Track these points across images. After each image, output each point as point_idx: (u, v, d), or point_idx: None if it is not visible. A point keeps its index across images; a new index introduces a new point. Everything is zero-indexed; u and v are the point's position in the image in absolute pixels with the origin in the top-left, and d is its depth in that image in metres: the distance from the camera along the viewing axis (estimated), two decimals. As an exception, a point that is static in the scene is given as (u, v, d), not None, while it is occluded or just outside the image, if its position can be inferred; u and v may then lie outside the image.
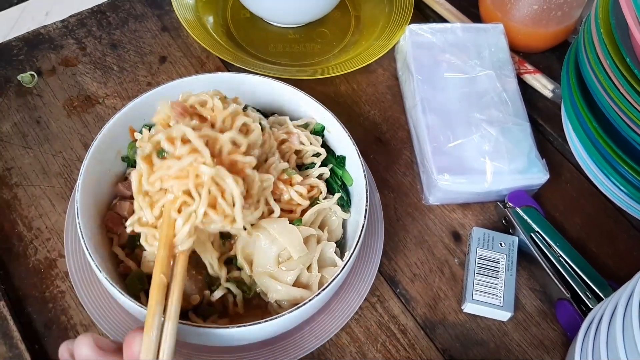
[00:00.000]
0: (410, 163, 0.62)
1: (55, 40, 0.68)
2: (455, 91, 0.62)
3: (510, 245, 0.54)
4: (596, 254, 0.57)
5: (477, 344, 0.52)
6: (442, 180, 0.56)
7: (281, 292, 0.46)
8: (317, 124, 0.55)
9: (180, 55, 0.69)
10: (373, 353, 0.50)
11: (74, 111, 0.63)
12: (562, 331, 0.53)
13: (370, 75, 0.69)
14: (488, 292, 0.52)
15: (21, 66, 0.66)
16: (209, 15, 0.72)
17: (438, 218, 0.59)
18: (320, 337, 0.49)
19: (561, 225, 0.59)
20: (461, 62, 0.64)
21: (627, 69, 0.50)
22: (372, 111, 0.66)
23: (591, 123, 0.56)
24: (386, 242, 0.55)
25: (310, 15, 0.72)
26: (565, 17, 0.67)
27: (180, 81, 0.53)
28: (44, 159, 0.59)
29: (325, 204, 0.50)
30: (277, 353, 0.48)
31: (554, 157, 0.64)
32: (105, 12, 0.72)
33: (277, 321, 0.42)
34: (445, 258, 0.56)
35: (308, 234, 0.48)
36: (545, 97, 0.67)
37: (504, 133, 0.59)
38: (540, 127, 0.66)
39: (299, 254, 0.46)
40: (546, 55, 0.71)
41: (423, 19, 0.74)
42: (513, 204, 0.57)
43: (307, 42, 0.72)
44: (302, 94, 0.54)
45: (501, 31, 0.67)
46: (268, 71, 0.62)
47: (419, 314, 0.53)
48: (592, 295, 0.51)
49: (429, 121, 0.59)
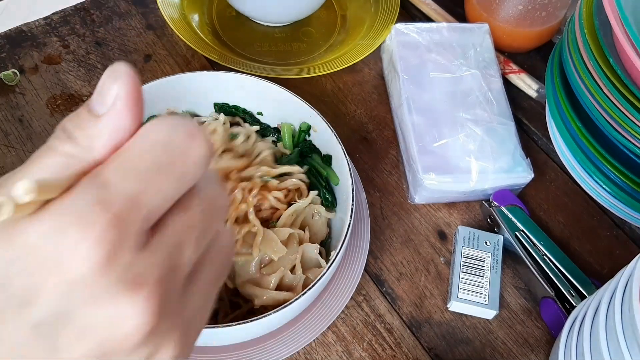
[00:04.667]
0: (396, 162, 0.62)
1: (38, 37, 0.68)
2: (440, 91, 0.62)
3: (495, 244, 0.55)
4: (579, 252, 0.58)
5: (462, 342, 0.52)
6: (427, 179, 0.56)
7: (265, 298, 0.46)
8: (303, 123, 0.55)
9: (165, 53, 0.68)
10: (359, 352, 0.50)
11: (57, 109, 0.62)
12: (547, 329, 0.53)
13: (356, 74, 0.69)
14: (473, 290, 0.52)
15: (3, 64, 0.65)
16: (195, 13, 0.71)
17: (424, 217, 0.59)
18: (306, 336, 0.49)
19: (545, 223, 0.59)
20: (447, 61, 0.64)
21: (610, 69, 0.50)
22: (358, 110, 0.66)
23: (575, 123, 0.57)
24: (372, 241, 0.55)
25: (296, 14, 0.71)
26: (550, 17, 0.68)
27: (165, 80, 0.53)
28: (27, 158, 0.58)
29: (301, 203, 0.50)
30: (263, 352, 0.48)
31: (539, 157, 0.64)
32: (89, 9, 0.71)
33: (261, 321, 0.42)
34: (431, 257, 0.56)
35: (286, 234, 0.48)
36: (530, 97, 0.68)
37: (489, 132, 0.59)
38: (525, 126, 0.66)
39: (277, 255, 0.46)
40: (531, 55, 0.72)
41: (409, 19, 0.74)
42: (498, 203, 0.57)
43: (293, 41, 0.72)
44: (288, 93, 0.54)
45: (486, 31, 0.67)
46: (254, 70, 0.62)
47: (405, 312, 0.53)
48: (575, 293, 0.52)
49: (415, 120, 0.60)
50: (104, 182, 0.19)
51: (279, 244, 0.46)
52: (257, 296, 0.46)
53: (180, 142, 0.21)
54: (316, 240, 0.51)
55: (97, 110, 0.21)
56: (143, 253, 0.20)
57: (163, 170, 0.20)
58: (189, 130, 0.21)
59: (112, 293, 0.19)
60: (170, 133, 0.21)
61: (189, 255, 0.22)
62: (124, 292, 0.19)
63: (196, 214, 0.22)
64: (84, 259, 0.18)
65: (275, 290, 0.47)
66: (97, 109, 0.21)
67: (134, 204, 0.19)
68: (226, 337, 0.44)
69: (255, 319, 0.42)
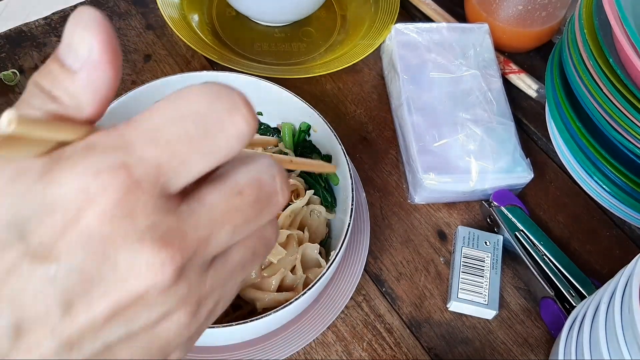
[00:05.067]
0: (396, 162, 0.62)
1: (38, 37, 0.68)
2: (440, 91, 0.62)
3: (495, 244, 0.55)
4: (579, 252, 0.58)
5: (462, 342, 0.52)
6: (427, 179, 0.56)
7: (267, 301, 0.46)
8: (303, 123, 0.55)
9: (165, 53, 0.68)
10: (359, 352, 0.50)
11: (57, 110, 0.62)
12: (546, 329, 0.53)
13: (356, 74, 0.69)
14: (473, 290, 0.52)
15: (3, 64, 0.65)
16: (194, 13, 0.71)
17: (424, 217, 0.59)
18: (306, 336, 0.49)
19: (545, 224, 0.59)
20: (447, 61, 0.64)
21: (610, 69, 0.50)
22: (357, 110, 0.66)
23: (575, 123, 0.57)
24: (372, 241, 0.56)
25: (296, 15, 0.71)
26: (550, 17, 0.68)
27: (165, 80, 0.53)
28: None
29: (297, 203, 0.50)
30: (263, 352, 0.48)
31: (538, 157, 0.64)
32: (89, 9, 0.71)
33: (261, 321, 0.42)
34: (431, 257, 0.56)
35: (284, 235, 0.48)
36: (530, 97, 0.68)
37: (489, 132, 0.59)
38: (525, 126, 0.66)
39: (276, 257, 0.46)
40: (531, 55, 0.72)
41: (409, 19, 0.74)
42: (498, 203, 0.57)
43: (293, 41, 0.72)
44: (288, 93, 0.54)
45: (486, 31, 0.67)
46: (254, 70, 0.62)
47: (405, 312, 0.53)
48: (575, 293, 0.52)
49: (415, 120, 0.60)
50: (127, 143, 0.19)
51: (278, 246, 0.46)
52: (259, 299, 0.46)
53: (219, 116, 0.19)
54: (316, 240, 0.51)
55: (70, 64, 0.20)
56: (169, 216, 0.19)
57: (194, 143, 0.19)
58: (231, 103, 0.19)
59: (135, 245, 0.18)
60: (210, 104, 0.19)
61: (224, 236, 0.21)
62: (150, 244, 0.19)
63: (249, 199, 0.21)
64: (105, 213, 0.18)
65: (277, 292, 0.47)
66: (70, 63, 0.20)
67: (157, 169, 0.19)
68: (226, 337, 0.44)
69: (255, 318, 0.42)
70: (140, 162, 0.19)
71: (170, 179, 0.19)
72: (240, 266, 0.22)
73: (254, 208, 0.21)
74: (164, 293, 0.19)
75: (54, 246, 0.18)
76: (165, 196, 0.19)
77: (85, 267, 0.18)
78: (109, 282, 0.18)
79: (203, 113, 0.19)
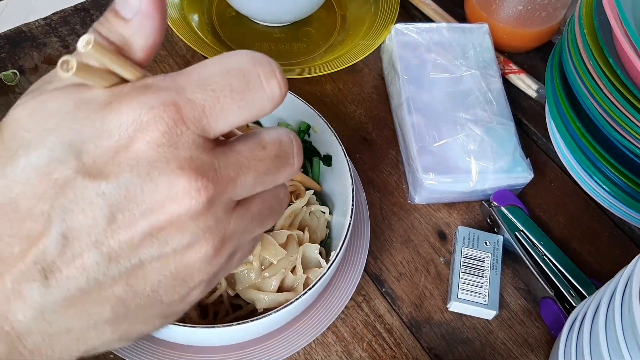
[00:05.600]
0: (396, 162, 0.62)
1: (38, 38, 0.68)
2: (440, 91, 0.62)
3: (495, 244, 0.55)
4: (579, 253, 0.58)
5: (462, 343, 0.52)
6: (427, 179, 0.56)
7: (267, 301, 0.46)
8: (303, 123, 0.55)
9: (165, 53, 0.68)
10: (359, 352, 0.50)
11: (57, 110, 0.62)
12: (546, 329, 0.53)
13: (356, 74, 0.69)
14: (473, 290, 0.52)
15: (3, 64, 0.65)
16: (194, 13, 0.71)
17: (424, 217, 0.59)
18: (306, 336, 0.49)
19: (545, 224, 0.59)
20: (446, 61, 0.64)
21: (610, 69, 0.50)
22: (358, 110, 0.66)
23: (574, 123, 0.57)
24: (372, 242, 0.56)
25: (296, 15, 0.71)
26: (550, 17, 0.68)
27: (165, 80, 0.53)
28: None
29: (297, 204, 0.50)
30: (263, 352, 0.48)
31: (538, 157, 0.64)
32: (89, 9, 0.71)
33: (261, 321, 0.42)
34: (431, 257, 0.56)
35: (284, 236, 0.47)
36: (530, 97, 0.68)
37: (489, 132, 0.59)
38: (525, 126, 0.66)
39: (277, 258, 0.46)
40: (530, 55, 0.72)
41: (409, 19, 0.74)
42: (498, 203, 0.57)
43: (292, 42, 0.72)
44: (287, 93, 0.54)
45: (486, 31, 0.67)
46: (254, 70, 0.62)
47: (405, 313, 0.53)
48: (575, 294, 0.52)
49: (415, 121, 0.60)
50: (179, 87, 0.22)
51: (278, 247, 0.46)
52: (259, 300, 0.46)
53: (258, 78, 0.23)
54: (316, 240, 0.51)
55: (124, 14, 0.23)
56: (206, 153, 0.22)
57: (235, 96, 0.22)
58: (269, 69, 0.23)
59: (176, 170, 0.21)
60: (253, 66, 0.23)
61: (249, 181, 0.24)
62: (188, 172, 0.21)
63: (271, 153, 0.24)
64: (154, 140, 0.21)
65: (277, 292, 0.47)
66: (124, 13, 0.23)
67: (201, 111, 0.22)
68: (226, 337, 0.44)
69: (255, 318, 0.42)
70: (189, 102, 0.22)
71: (211, 122, 0.22)
72: (258, 218, 0.25)
73: (274, 162, 0.24)
74: (195, 219, 0.22)
75: (105, 166, 0.21)
76: (204, 137, 0.22)
77: (131, 186, 0.21)
78: (149, 202, 0.21)
79: (246, 73, 0.23)
